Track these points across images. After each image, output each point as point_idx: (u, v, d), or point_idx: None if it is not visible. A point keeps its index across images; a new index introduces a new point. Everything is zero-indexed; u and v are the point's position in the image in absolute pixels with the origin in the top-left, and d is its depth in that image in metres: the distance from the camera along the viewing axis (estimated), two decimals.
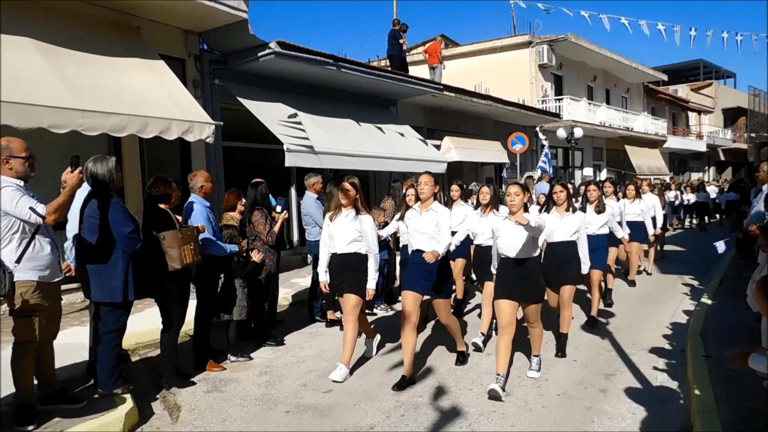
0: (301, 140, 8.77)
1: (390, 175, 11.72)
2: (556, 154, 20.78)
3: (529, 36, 20.08)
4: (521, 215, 4.14)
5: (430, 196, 4.56)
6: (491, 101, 14.58)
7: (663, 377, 4.62)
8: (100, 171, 3.84)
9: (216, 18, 7.56)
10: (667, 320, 6.53)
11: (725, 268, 9.72)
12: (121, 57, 6.73)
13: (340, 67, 9.50)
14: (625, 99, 27.40)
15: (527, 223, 4.05)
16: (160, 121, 6.29)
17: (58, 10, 6.42)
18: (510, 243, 4.39)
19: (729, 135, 38.61)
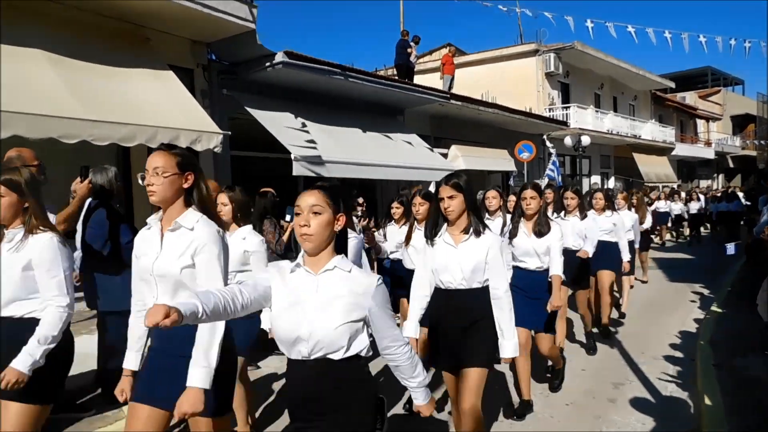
0: (309, 149, 8.80)
1: (397, 184, 11.73)
2: (564, 162, 20.72)
3: (536, 44, 20.10)
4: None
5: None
6: (498, 110, 14.58)
7: (672, 387, 4.59)
8: (101, 180, 3.88)
9: (224, 28, 7.62)
10: (677, 328, 6.49)
11: (735, 276, 9.65)
12: (130, 67, 6.79)
13: (348, 77, 9.54)
14: (633, 106, 27.33)
15: None
16: (169, 131, 6.32)
17: (70, 22, 6.49)
18: None
19: (738, 142, 38.38)
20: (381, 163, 10.14)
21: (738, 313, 6.70)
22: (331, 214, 1.88)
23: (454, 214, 2.94)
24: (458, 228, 3.01)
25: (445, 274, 3.00)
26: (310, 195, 1.89)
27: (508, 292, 2.98)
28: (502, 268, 2.99)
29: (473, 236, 2.96)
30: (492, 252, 2.94)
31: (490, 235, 2.99)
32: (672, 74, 33.29)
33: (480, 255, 2.94)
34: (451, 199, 2.94)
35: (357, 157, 9.72)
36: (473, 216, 2.99)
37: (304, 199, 1.88)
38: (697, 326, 6.54)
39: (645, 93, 28.33)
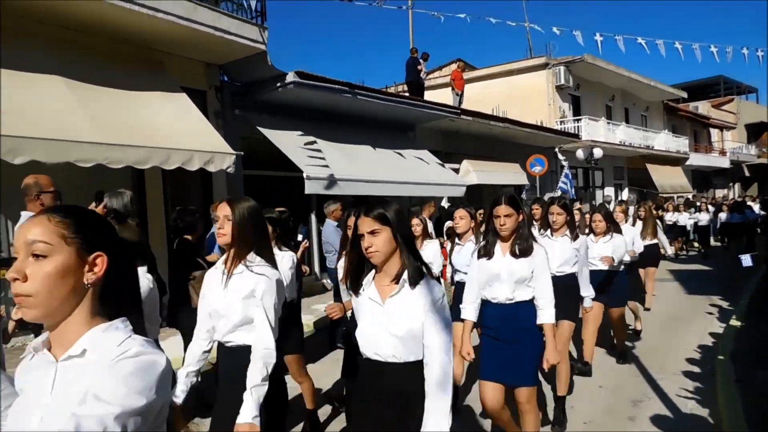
0: (321, 168, 8.86)
1: (410, 200, 11.74)
2: (576, 174, 20.63)
3: (546, 58, 20.13)
4: None
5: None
6: (509, 124, 14.60)
7: (692, 404, 4.50)
8: (116, 205, 3.92)
9: (236, 51, 7.74)
10: (695, 342, 6.38)
11: (754, 288, 9.50)
12: (144, 91, 6.92)
13: (358, 95, 9.63)
14: (645, 117, 27.19)
15: None
16: (182, 153, 6.42)
17: (87, 47, 6.64)
18: None
19: (753, 150, 37.98)
20: (393, 180, 10.18)
21: (758, 326, 6.59)
22: None
23: (379, 256, 2.09)
24: (387, 275, 2.16)
25: (368, 344, 2.17)
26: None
27: (446, 353, 2.07)
28: (441, 323, 2.10)
29: (407, 286, 2.11)
30: (428, 307, 2.08)
31: (427, 287, 2.12)
32: (684, 84, 33.15)
33: (415, 314, 2.09)
34: (373, 235, 2.08)
35: (369, 174, 9.77)
36: (407, 255, 2.12)
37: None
38: (716, 340, 6.43)
39: (657, 103, 28.20)
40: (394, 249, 2.12)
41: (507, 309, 3.21)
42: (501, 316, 3.23)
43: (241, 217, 2.44)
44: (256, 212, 2.49)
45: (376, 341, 2.13)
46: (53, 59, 6.16)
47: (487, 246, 3.32)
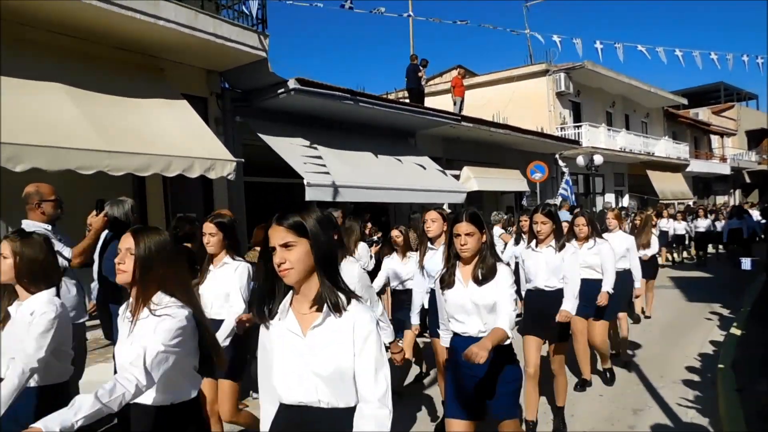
0: (322, 174, 8.87)
1: (410, 207, 11.75)
2: (577, 181, 20.64)
3: (546, 64, 20.17)
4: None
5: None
6: (509, 130, 14.61)
7: (693, 413, 4.49)
8: (117, 213, 3.93)
9: (237, 58, 7.76)
10: (696, 351, 6.37)
11: (755, 295, 9.48)
12: (145, 98, 6.93)
13: (358, 102, 9.65)
14: (645, 124, 27.23)
15: None
16: (183, 160, 6.43)
17: (88, 55, 6.66)
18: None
19: (754, 157, 38.02)
20: (393, 187, 10.18)
21: (760, 334, 6.57)
22: None
23: (293, 274, 1.72)
24: (306, 300, 1.78)
25: (288, 387, 1.78)
26: None
27: (383, 406, 1.68)
28: (374, 366, 1.71)
29: (331, 315, 1.74)
30: (358, 344, 1.72)
31: (358, 311, 1.75)
32: (684, 90, 33.21)
33: (344, 349, 1.72)
34: (286, 248, 1.71)
35: (369, 180, 9.77)
36: (326, 279, 1.74)
37: None
38: (717, 348, 6.41)
39: (657, 110, 28.24)
40: (310, 269, 1.75)
41: None
42: None
43: (146, 251, 2.15)
44: (164, 245, 2.20)
45: (298, 383, 1.75)
46: (54, 67, 6.18)
47: (448, 273, 2.93)
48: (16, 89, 5.64)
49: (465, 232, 2.80)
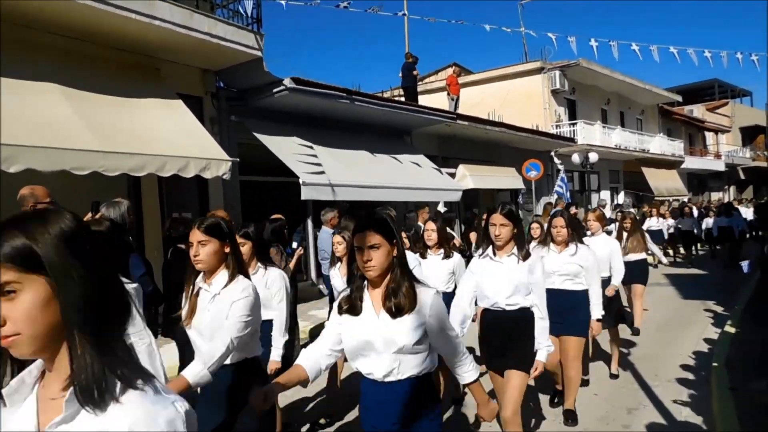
0: (317, 174, 8.87)
1: (405, 206, 11.76)
2: (572, 178, 20.68)
3: (541, 62, 20.19)
4: None
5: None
6: (505, 128, 14.63)
7: (687, 411, 4.52)
8: (113, 215, 3.92)
9: (232, 57, 7.74)
10: (690, 349, 6.41)
11: (750, 293, 9.53)
12: (140, 98, 6.91)
13: (354, 101, 9.65)
14: (640, 121, 27.30)
15: None
16: (178, 160, 6.42)
17: (83, 55, 6.64)
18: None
19: (748, 154, 38.17)
20: (389, 185, 10.20)
21: (754, 333, 6.60)
22: None
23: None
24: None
25: None
26: None
27: None
28: None
29: None
30: None
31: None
32: (679, 87, 33.29)
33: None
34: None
35: (365, 179, 9.78)
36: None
37: None
38: (711, 346, 6.45)
39: (652, 107, 28.32)
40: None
41: (391, 387, 2.18)
42: (384, 396, 2.20)
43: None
44: None
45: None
46: (49, 67, 6.15)
47: (352, 295, 2.25)
48: (11, 90, 5.62)
49: (369, 243, 2.15)
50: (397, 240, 2.20)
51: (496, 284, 3.31)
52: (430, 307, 2.16)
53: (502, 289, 3.29)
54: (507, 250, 3.31)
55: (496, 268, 3.32)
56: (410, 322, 2.12)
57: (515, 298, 3.28)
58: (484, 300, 3.39)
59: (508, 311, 3.30)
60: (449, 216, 10.66)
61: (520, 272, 3.25)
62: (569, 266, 4.32)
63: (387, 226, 2.18)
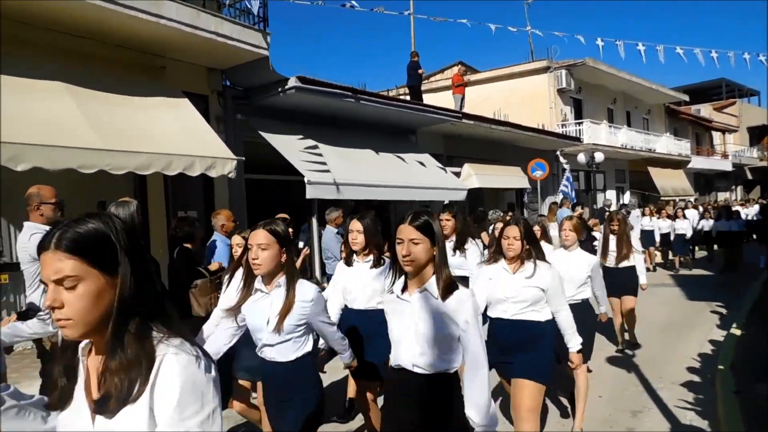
0: (322, 173, 8.88)
1: (410, 205, 11.74)
2: (578, 177, 20.63)
3: (547, 61, 20.13)
4: None
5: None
6: (510, 127, 14.60)
7: (692, 415, 4.50)
8: (123, 215, 3.93)
9: (238, 56, 7.75)
10: (695, 351, 6.38)
11: (756, 295, 9.48)
12: (146, 97, 6.93)
13: (360, 100, 9.65)
14: (647, 120, 27.19)
15: None
16: (184, 159, 6.43)
17: (89, 54, 6.66)
18: None
19: (755, 153, 37.97)
20: (394, 184, 10.19)
21: (760, 335, 6.57)
22: None
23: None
24: None
25: None
26: None
27: None
28: None
29: None
30: None
31: None
32: (685, 87, 33.12)
33: None
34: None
35: (370, 178, 9.78)
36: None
37: None
38: (713, 348, 6.42)
39: (659, 107, 28.20)
40: None
41: None
42: None
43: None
44: None
45: None
46: (55, 66, 6.18)
47: None
48: (18, 88, 5.65)
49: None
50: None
51: (400, 332, 2.38)
52: None
53: (409, 344, 2.33)
54: (422, 280, 2.30)
55: (399, 306, 2.37)
56: None
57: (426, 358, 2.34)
58: None
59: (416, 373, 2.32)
60: None
61: (442, 320, 2.25)
62: (527, 291, 3.34)
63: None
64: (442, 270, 2.24)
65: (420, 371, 2.27)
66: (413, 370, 2.28)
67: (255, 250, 2.53)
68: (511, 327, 3.36)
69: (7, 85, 5.56)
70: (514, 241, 3.36)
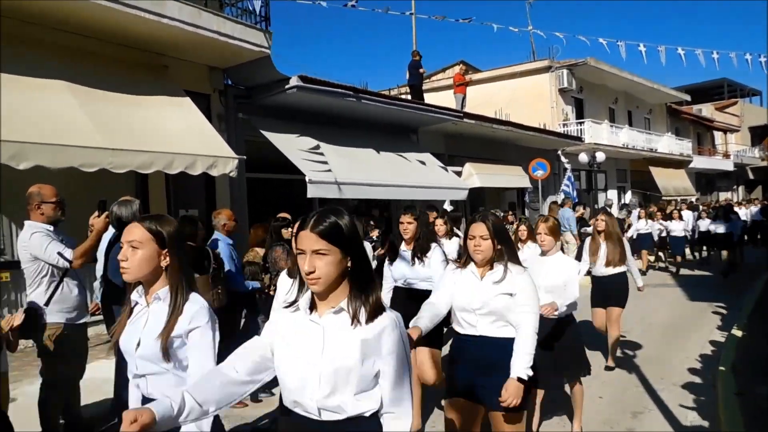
0: (323, 172, 8.88)
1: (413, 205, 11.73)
2: (579, 177, 20.61)
3: (549, 61, 20.11)
4: None
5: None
6: (512, 127, 14.59)
7: (693, 416, 4.50)
8: (125, 214, 3.94)
9: (240, 55, 7.76)
10: (697, 352, 6.37)
11: (757, 295, 9.47)
12: (148, 95, 6.94)
13: (361, 99, 9.64)
14: (648, 120, 27.16)
15: None
16: (186, 157, 6.44)
17: (91, 52, 6.67)
18: None
19: (757, 153, 37.92)
20: (395, 184, 10.19)
21: (761, 336, 6.56)
22: None
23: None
24: None
25: None
26: None
27: None
28: None
29: None
30: None
31: None
32: (687, 86, 33.09)
33: None
34: None
35: (371, 177, 9.78)
36: None
37: None
38: (717, 349, 6.42)
39: (660, 106, 28.17)
40: None
41: None
42: None
43: None
44: None
45: None
46: (57, 64, 6.18)
47: None
48: (20, 87, 5.66)
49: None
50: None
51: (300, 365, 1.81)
52: None
53: (314, 382, 1.78)
54: (336, 299, 1.72)
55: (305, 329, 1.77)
56: None
57: None
58: None
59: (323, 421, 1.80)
60: (455, 215, 10.64)
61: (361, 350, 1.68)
62: (496, 300, 2.81)
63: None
64: (366, 287, 1.70)
65: (329, 417, 1.68)
66: (319, 418, 1.69)
67: (125, 248, 2.05)
68: (480, 345, 2.85)
69: (9, 83, 5.57)
70: (482, 241, 2.83)
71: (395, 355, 1.70)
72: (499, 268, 2.85)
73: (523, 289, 2.81)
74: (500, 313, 2.81)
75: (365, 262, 1.73)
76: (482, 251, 2.82)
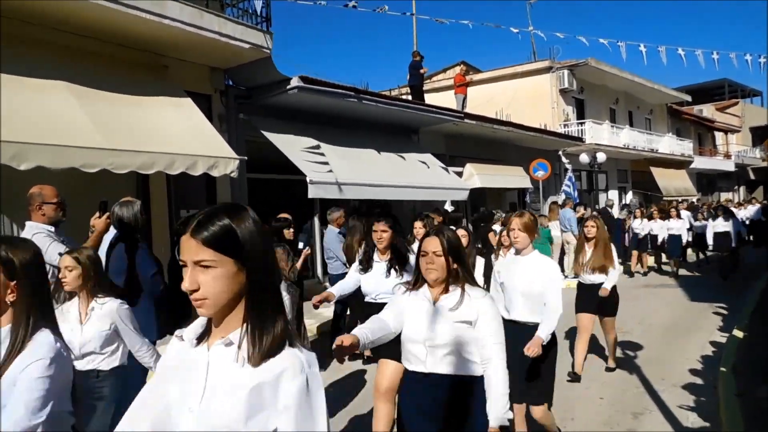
0: (324, 172, 8.88)
1: (414, 206, 11.74)
2: (580, 177, 20.60)
3: (549, 61, 20.12)
4: None
5: None
6: (513, 127, 14.58)
7: (694, 417, 4.50)
8: (126, 215, 3.94)
9: (241, 55, 7.75)
10: (698, 353, 6.37)
11: (758, 296, 9.46)
12: (149, 96, 6.93)
13: (362, 99, 9.65)
14: (649, 120, 27.15)
15: None
16: (187, 158, 6.44)
17: (91, 53, 6.66)
18: None
19: (758, 154, 37.89)
20: (396, 184, 10.19)
21: (762, 337, 6.55)
22: None
23: None
24: None
25: None
26: None
27: None
28: None
29: None
30: None
31: None
32: (688, 87, 33.07)
33: None
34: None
35: (372, 178, 9.78)
36: None
37: None
38: (717, 350, 6.41)
39: (661, 107, 28.16)
40: None
41: None
42: None
43: None
44: None
45: None
46: (58, 65, 6.18)
47: None
48: (20, 87, 5.65)
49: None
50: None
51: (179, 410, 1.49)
52: None
53: None
54: (228, 327, 1.34)
55: (188, 362, 1.42)
56: None
57: None
58: None
59: None
60: (456, 215, 10.64)
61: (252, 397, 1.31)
62: (450, 330, 2.42)
63: None
64: (265, 314, 1.27)
65: None
66: None
67: None
68: (429, 386, 2.42)
69: (9, 83, 5.56)
70: (435, 258, 2.46)
71: (295, 413, 1.21)
72: (455, 291, 2.47)
73: (485, 315, 2.42)
74: (456, 345, 2.37)
75: (268, 277, 1.29)
76: (435, 269, 2.46)
